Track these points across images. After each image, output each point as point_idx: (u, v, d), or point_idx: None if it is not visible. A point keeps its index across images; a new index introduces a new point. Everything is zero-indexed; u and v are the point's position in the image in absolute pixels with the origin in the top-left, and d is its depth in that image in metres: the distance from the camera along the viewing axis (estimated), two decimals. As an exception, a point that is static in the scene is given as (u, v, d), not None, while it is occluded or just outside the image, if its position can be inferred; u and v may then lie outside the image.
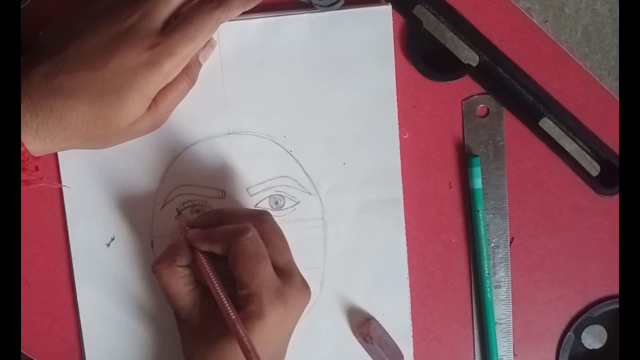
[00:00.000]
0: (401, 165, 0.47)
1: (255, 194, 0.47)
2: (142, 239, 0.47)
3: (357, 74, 0.46)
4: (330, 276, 0.48)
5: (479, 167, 0.47)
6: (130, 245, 0.47)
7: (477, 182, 0.47)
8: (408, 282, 0.48)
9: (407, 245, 0.48)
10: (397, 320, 0.48)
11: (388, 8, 0.46)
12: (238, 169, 0.47)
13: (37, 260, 0.47)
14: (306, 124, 0.47)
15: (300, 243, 0.47)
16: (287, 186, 0.47)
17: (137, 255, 0.47)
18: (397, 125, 0.47)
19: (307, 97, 0.46)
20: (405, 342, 0.48)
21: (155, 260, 0.42)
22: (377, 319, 0.48)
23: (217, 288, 0.39)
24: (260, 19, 0.46)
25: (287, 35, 0.46)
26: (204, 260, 0.41)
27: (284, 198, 0.47)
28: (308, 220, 0.47)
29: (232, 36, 0.45)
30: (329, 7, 0.46)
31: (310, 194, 0.47)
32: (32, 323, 0.47)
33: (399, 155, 0.47)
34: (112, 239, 0.47)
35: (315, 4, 0.46)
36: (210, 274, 0.40)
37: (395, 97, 0.46)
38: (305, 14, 0.46)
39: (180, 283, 0.41)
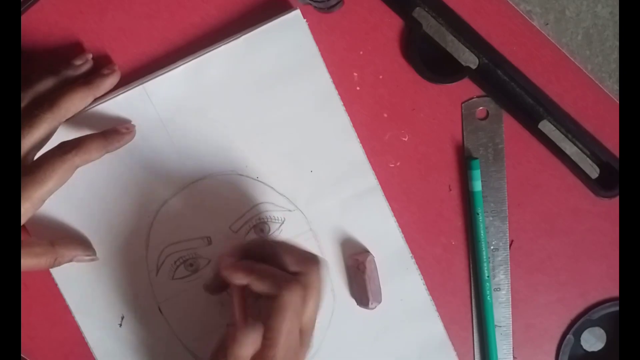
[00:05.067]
0: (400, 168, 0.47)
1: (239, 229, 0.47)
2: (150, 309, 0.47)
3: (292, 84, 0.46)
4: (338, 282, 0.48)
5: (479, 170, 0.47)
6: (141, 318, 0.47)
7: (477, 185, 0.47)
8: (414, 260, 0.48)
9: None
10: (416, 299, 0.48)
11: (297, 12, 0.45)
12: (215, 211, 0.46)
13: (36, 262, 0.47)
14: (262, 147, 0.46)
15: None
16: (267, 211, 0.47)
17: (151, 326, 0.47)
18: (347, 118, 0.46)
19: (254, 122, 0.46)
20: (431, 317, 0.48)
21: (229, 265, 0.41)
22: (396, 305, 0.48)
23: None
24: (181, 67, 0.45)
25: (213, 72, 0.45)
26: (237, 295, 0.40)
27: (267, 224, 0.47)
28: (297, 235, 0.47)
29: (161, 92, 0.45)
30: (329, 9, 0.46)
31: (290, 210, 0.47)
32: (31, 326, 0.47)
33: (360, 144, 0.47)
34: (123, 318, 0.47)
35: (316, 7, 0.46)
36: (238, 300, 0.40)
37: (336, 92, 0.46)
38: (221, 47, 0.45)
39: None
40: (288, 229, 0.47)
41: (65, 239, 0.44)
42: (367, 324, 0.48)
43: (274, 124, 0.46)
